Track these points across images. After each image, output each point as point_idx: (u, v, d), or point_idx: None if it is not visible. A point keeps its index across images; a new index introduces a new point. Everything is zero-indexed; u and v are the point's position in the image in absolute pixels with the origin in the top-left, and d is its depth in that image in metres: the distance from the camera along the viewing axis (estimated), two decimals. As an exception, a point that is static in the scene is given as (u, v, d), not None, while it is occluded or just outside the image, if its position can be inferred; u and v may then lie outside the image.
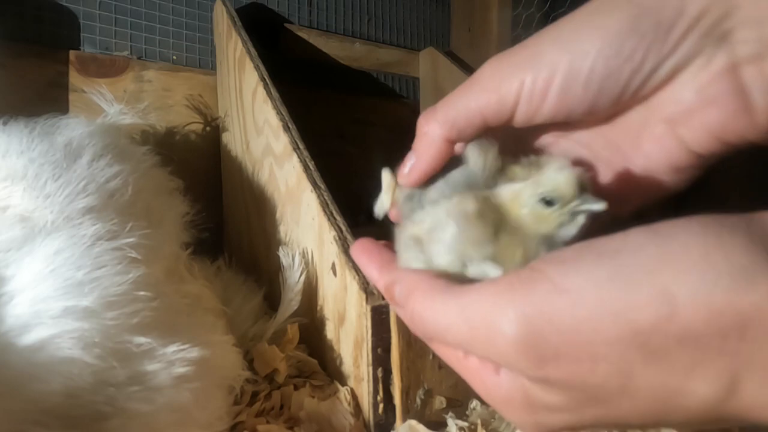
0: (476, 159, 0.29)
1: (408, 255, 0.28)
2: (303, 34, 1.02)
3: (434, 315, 0.23)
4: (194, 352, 0.37)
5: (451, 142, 0.29)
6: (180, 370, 0.35)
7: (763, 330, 0.17)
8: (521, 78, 0.27)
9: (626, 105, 0.28)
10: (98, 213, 0.38)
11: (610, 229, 0.21)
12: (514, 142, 0.31)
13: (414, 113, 1.21)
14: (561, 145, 0.31)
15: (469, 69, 1.14)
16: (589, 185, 0.26)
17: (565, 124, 0.30)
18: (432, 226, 0.27)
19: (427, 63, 1.18)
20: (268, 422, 0.47)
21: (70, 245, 0.34)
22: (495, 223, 0.26)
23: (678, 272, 0.17)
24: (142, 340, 0.34)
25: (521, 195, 0.27)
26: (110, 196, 0.41)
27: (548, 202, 0.26)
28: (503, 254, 0.26)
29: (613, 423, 0.21)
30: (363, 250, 0.31)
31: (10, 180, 0.38)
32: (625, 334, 0.18)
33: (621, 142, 0.29)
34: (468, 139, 0.29)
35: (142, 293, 0.36)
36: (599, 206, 0.25)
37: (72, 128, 0.50)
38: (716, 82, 0.25)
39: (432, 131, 0.29)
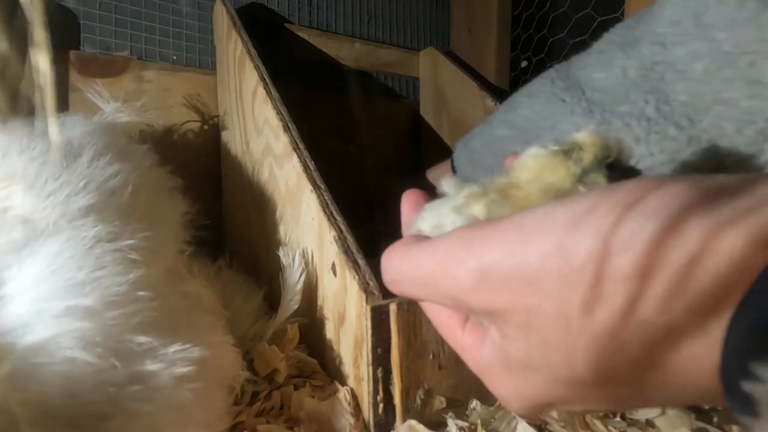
0: (452, 189, 0.29)
1: None
2: (303, 34, 1.02)
3: (407, 257, 0.25)
4: (195, 352, 0.37)
5: None
6: (181, 370, 0.35)
7: (692, 265, 0.17)
8: None
9: None
10: (99, 213, 0.38)
11: None
12: None
13: (414, 113, 1.22)
14: None
15: (469, 69, 1.14)
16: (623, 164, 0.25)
17: None
18: (437, 223, 0.27)
19: (427, 63, 1.18)
20: (268, 422, 0.47)
21: (71, 246, 0.34)
22: (513, 209, 0.25)
23: (613, 214, 0.19)
24: (143, 339, 0.34)
25: (574, 162, 0.25)
26: (110, 196, 0.41)
27: (612, 168, 0.25)
28: None
29: (578, 383, 0.22)
30: (410, 202, 0.32)
31: (10, 179, 0.38)
32: (563, 268, 0.19)
33: None
34: None
35: (142, 293, 0.36)
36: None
37: (71, 127, 0.50)
38: None
39: None
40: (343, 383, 0.52)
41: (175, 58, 0.90)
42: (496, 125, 0.60)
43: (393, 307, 0.46)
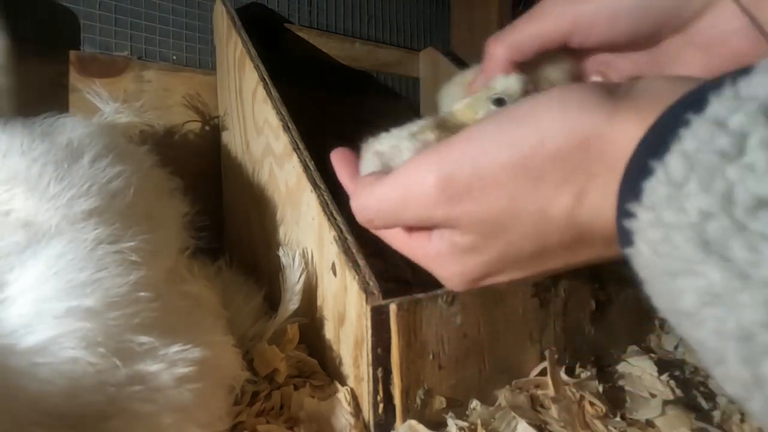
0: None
1: (367, 166, 0.32)
2: (303, 34, 1.02)
3: (372, 194, 0.28)
4: (195, 353, 0.37)
5: (514, 63, 0.35)
6: (181, 370, 0.35)
7: (598, 146, 0.22)
8: (575, 11, 0.33)
9: (666, 34, 0.33)
10: (100, 215, 0.38)
11: None
12: (575, 61, 0.37)
13: (414, 113, 1.22)
14: (617, 63, 0.37)
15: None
16: (533, 91, 0.31)
17: (614, 47, 0.35)
18: (394, 143, 0.31)
19: (427, 63, 1.18)
20: (268, 422, 0.48)
21: (73, 248, 0.34)
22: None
23: (546, 111, 0.23)
24: (144, 339, 0.34)
25: (475, 102, 0.32)
26: (112, 198, 0.41)
27: (499, 102, 0.31)
28: None
29: (513, 257, 0.26)
30: (340, 158, 0.36)
31: (11, 181, 0.38)
32: (513, 159, 0.23)
33: (661, 68, 0.34)
34: (527, 59, 0.35)
35: (143, 294, 0.36)
36: None
37: (71, 128, 0.50)
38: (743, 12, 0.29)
39: (499, 53, 0.35)
40: (343, 383, 0.52)
41: (175, 58, 0.90)
42: None
43: (393, 307, 0.47)
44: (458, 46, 1.26)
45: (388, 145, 0.32)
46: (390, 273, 0.80)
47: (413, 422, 0.47)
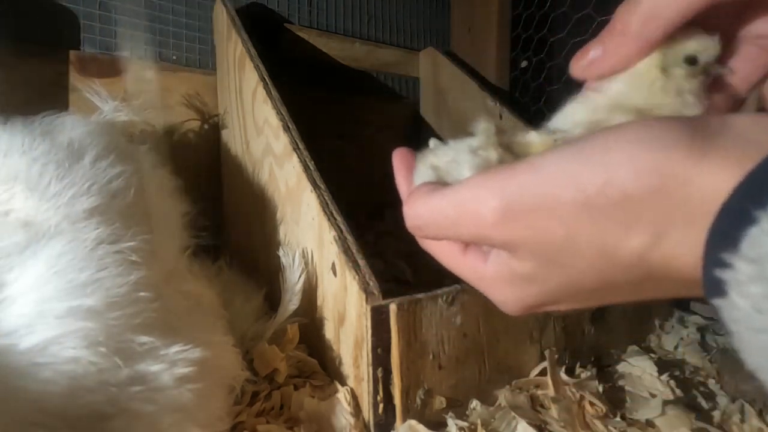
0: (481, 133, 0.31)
1: (421, 179, 0.30)
2: (303, 34, 1.02)
3: (428, 203, 0.27)
4: (195, 353, 0.37)
5: (646, 42, 0.28)
6: (182, 370, 0.35)
7: (679, 191, 0.21)
8: None
9: None
10: (101, 215, 0.38)
11: None
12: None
13: (414, 113, 1.22)
14: None
15: (469, 69, 1.14)
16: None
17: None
18: (453, 157, 0.29)
19: (427, 63, 1.18)
20: (268, 422, 0.48)
21: (73, 248, 0.34)
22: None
23: (619, 149, 0.22)
24: (144, 339, 0.34)
25: (548, 144, 0.29)
26: (113, 197, 0.41)
27: (692, 62, 0.28)
28: None
29: (574, 289, 0.26)
30: (400, 159, 0.34)
31: (12, 181, 0.38)
32: (576, 196, 0.22)
33: None
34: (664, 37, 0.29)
35: (143, 294, 0.36)
36: (726, 70, 0.28)
37: (71, 126, 0.50)
38: None
39: (633, 27, 0.28)
40: (343, 383, 0.52)
41: (175, 58, 0.90)
42: None
43: (393, 307, 0.47)
44: (458, 46, 1.26)
45: (446, 159, 0.30)
46: (390, 273, 0.80)
47: (413, 422, 0.47)
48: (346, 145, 1.11)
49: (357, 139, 1.12)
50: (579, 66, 0.31)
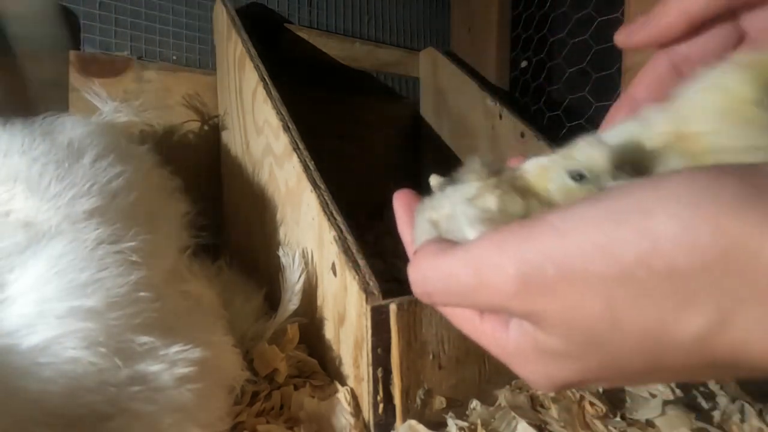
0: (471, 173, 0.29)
1: (422, 234, 0.27)
2: (303, 34, 1.02)
3: (438, 268, 0.24)
4: (196, 353, 0.37)
5: (686, 16, 0.27)
6: (182, 370, 0.35)
7: (747, 264, 0.17)
8: None
9: None
10: (102, 215, 0.38)
11: None
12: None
13: (414, 113, 1.22)
14: None
15: (469, 69, 1.14)
16: (627, 165, 0.24)
17: None
18: (450, 213, 0.26)
19: (427, 63, 1.18)
20: (268, 422, 0.48)
21: (74, 248, 0.34)
22: (523, 210, 0.25)
23: (662, 211, 0.18)
24: (144, 339, 0.34)
25: (549, 170, 0.25)
26: (113, 197, 0.41)
27: (578, 178, 0.24)
28: None
29: (617, 369, 0.22)
30: (403, 202, 0.32)
31: (12, 181, 0.38)
32: (610, 268, 0.19)
33: None
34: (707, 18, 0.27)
35: (143, 294, 0.36)
36: None
37: (71, 127, 0.50)
38: None
39: (673, 15, 0.27)
40: (343, 383, 0.52)
41: (175, 58, 0.90)
42: None
43: (393, 307, 0.47)
44: (458, 46, 1.26)
45: (444, 213, 0.27)
46: (390, 273, 0.80)
47: (413, 422, 0.47)
48: (346, 145, 1.11)
49: (357, 139, 1.12)
50: (622, 34, 0.29)
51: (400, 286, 0.67)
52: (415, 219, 0.29)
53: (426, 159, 1.20)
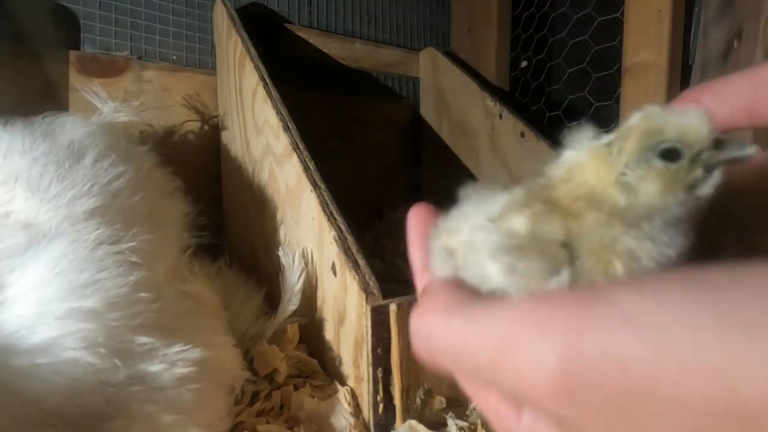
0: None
1: (437, 263, 0.23)
2: (303, 34, 1.02)
3: (451, 332, 0.18)
4: (196, 353, 0.37)
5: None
6: (182, 370, 0.35)
7: None
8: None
9: None
10: (102, 215, 0.38)
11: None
12: None
13: (414, 113, 1.22)
14: None
15: (469, 69, 1.14)
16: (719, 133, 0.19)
17: None
18: (469, 241, 0.21)
19: (427, 63, 1.18)
20: (268, 422, 0.48)
21: (74, 249, 0.34)
22: (562, 233, 0.19)
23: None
24: (144, 339, 0.34)
25: (617, 155, 0.19)
26: (114, 198, 0.41)
27: (670, 156, 0.18)
28: (583, 263, 0.18)
29: None
30: (418, 221, 0.26)
31: (12, 182, 0.38)
32: (730, 408, 0.13)
33: None
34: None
35: (143, 295, 0.36)
36: (751, 150, 0.18)
37: (71, 127, 0.50)
38: None
39: (691, 95, 0.23)
40: (343, 383, 0.52)
41: (175, 58, 0.90)
42: None
43: (393, 307, 0.47)
44: (458, 46, 1.26)
45: (462, 240, 0.21)
46: (390, 273, 0.80)
47: (413, 422, 0.47)
48: (346, 145, 1.11)
49: (357, 139, 1.12)
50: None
51: (400, 286, 0.67)
52: (430, 245, 0.24)
53: (426, 159, 1.20)
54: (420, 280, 0.25)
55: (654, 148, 0.19)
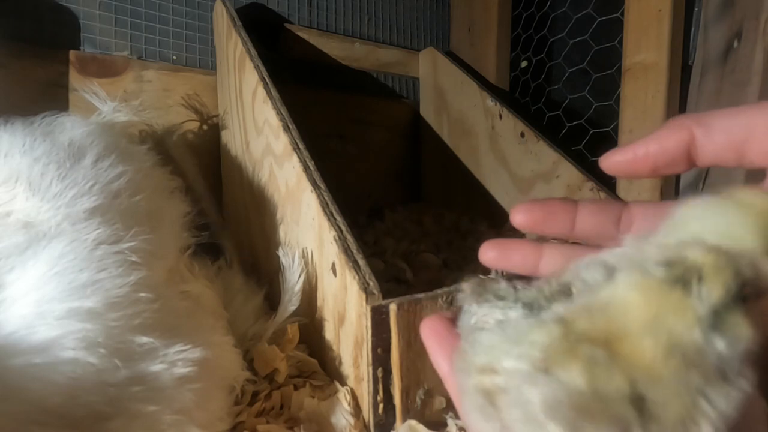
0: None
1: (471, 408, 0.19)
2: (303, 34, 1.02)
3: None
4: (196, 353, 0.37)
5: (692, 143, 0.23)
6: (182, 370, 0.35)
7: None
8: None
9: None
10: (102, 215, 0.38)
11: None
12: None
13: (414, 113, 1.22)
14: None
15: (469, 69, 1.14)
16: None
17: None
18: (510, 388, 0.17)
19: (427, 63, 1.18)
20: (268, 422, 0.48)
21: (74, 249, 0.34)
22: (628, 387, 0.16)
23: None
24: (144, 340, 0.34)
25: (697, 298, 0.16)
26: (114, 198, 0.41)
27: (682, 281, 0.15)
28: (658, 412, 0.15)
29: None
30: (434, 333, 0.27)
31: (12, 181, 0.38)
32: None
33: None
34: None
35: (143, 295, 0.36)
36: None
37: (71, 127, 0.50)
38: None
39: (681, 123, 0.23)
40: (343, 383, 0.52)
41: (175, 58, 0.90)
42: None
43: (393, 307, 0.47)
44: (458, 46, 1.26)
45: (499, 385, 0.18)
46: (390, 273, 0.80)
47: (413, 422, 0.47)
48: (346, 145, 1.11)
49: (357, 139, 1.12)
50: (617, 161, 0.25)
51: (399, 286, 0.67)
52: (459, 381, 0.20)
53: (426, 159, 1.20)
54: (452, 385, 0.24)
55: (738, 294, 0.16)
